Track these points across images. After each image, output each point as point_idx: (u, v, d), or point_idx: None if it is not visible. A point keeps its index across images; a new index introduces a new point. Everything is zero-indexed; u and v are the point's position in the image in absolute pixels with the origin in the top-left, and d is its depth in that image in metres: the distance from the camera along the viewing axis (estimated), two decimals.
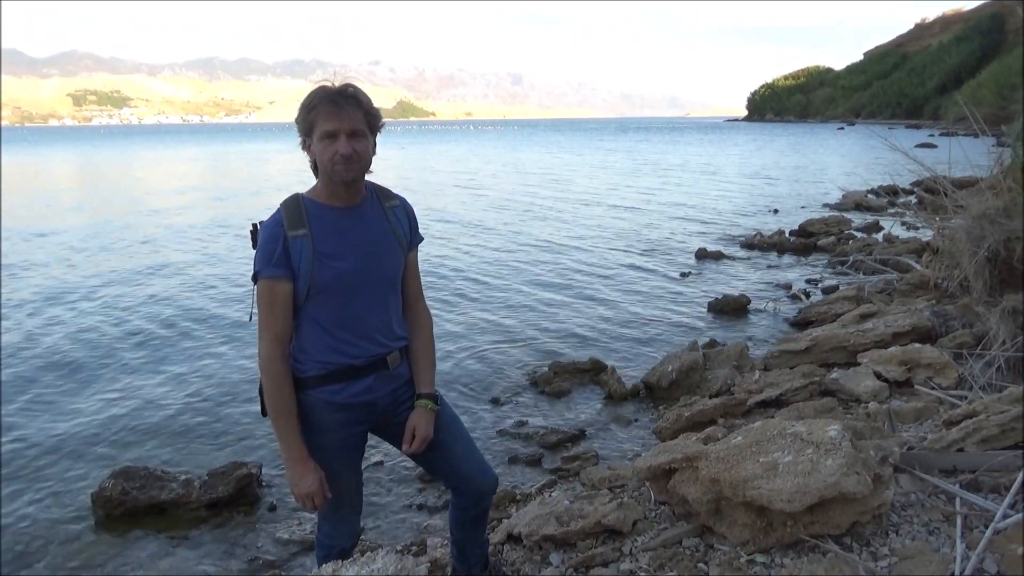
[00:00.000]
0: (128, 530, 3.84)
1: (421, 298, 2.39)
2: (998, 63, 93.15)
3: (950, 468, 3.07)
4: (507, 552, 3.11)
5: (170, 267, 10.77)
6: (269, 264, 2.02)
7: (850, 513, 2.56)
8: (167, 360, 6.55)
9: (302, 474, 2.11)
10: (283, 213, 2.07)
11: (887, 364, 4.83)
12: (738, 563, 2.60)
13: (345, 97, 2.01)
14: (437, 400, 2.32)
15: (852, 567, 2.41)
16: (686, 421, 4.55)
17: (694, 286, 9.20)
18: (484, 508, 2.53)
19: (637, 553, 2.85)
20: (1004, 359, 4.32)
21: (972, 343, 4.87)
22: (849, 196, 16.53)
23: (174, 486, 4.03)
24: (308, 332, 2.13)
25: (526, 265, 10.67)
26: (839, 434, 2.68)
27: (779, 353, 5.71)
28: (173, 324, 7.71)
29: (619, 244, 12.38)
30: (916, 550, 2.52)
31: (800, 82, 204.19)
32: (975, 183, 6.98)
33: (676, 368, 5.45)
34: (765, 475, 2.59)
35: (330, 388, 2.15)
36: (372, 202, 2.20)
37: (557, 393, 5.61)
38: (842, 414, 4.26)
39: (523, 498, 3.91)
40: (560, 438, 4.76)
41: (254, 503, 4.07)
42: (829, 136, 69.66)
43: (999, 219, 5.27)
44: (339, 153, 1.99)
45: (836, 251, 10.85)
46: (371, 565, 2.16)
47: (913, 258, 8.37)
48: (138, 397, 5.68)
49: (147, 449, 4.80)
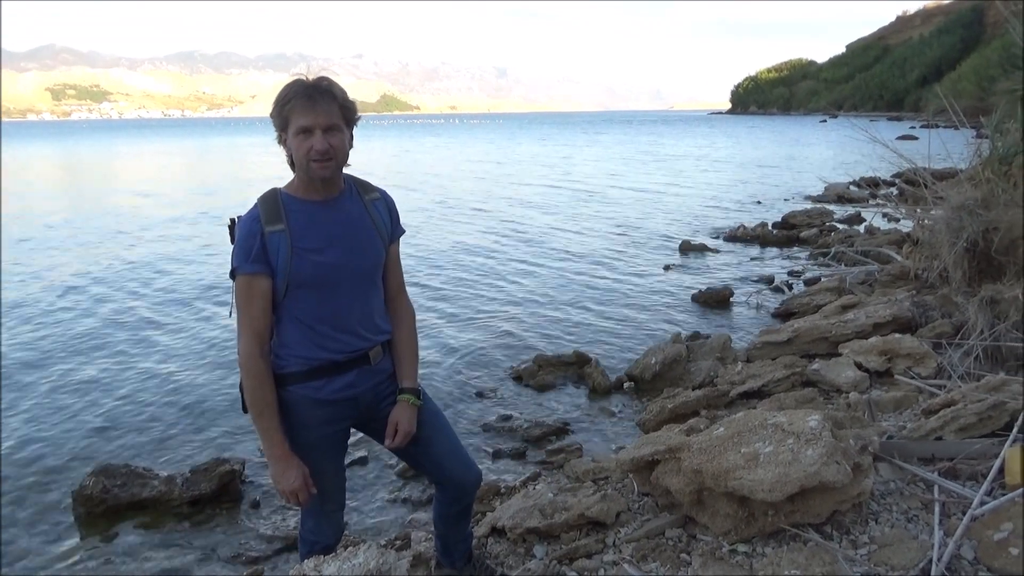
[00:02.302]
0: (110, 528, 3.80)
1: (403, 292, 2.38)
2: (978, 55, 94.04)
3: (929, 456, 3.11)
4: (491, 545, 3.11)
5: (150, 263, 10.67)
6: (247, 260, 2.01)
7: (830, 502, 2.58)
8: (147, 356, 6.49)
9: (285, 470, 2.10)
10: (260, 208, 2.05)
11: (868, 354, 4.87)
12: (720, 553, 2.62)
13: (320, 91, 1.99)
14: (420, 395, 2.31)
15: (832, 555, 2.43)
16: (669, 413, 4.57)
17: (677, 278, 9.23)
18: (468, 502, 2.53)
19: (620, 544, 2.86)
20: (982, 348, 4.37)
21: (951, 333, 4.93)
22: (831, 188, 16.65)
23: (156, 483, 4.00)
24: (288, 328, 2.11)
25: (509, 258, 10.66)
26: (819, 424, 2.70)
27: (761, 345, 5.75)
28: (153, 320, 7.65)
29: (602, 237, 12.40)
30: (895, 537, 2.55)
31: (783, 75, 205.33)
32: (954, 175, 7.05)
33: (659, 360, 5.47)
34: (747, 465, 2.61)
35: (312, 384, 2.14)
36: (351, 195, 2.18)
37: (541, 386, 5.62)
38: (823, 404, 4.30)
39: (507, 491, 3.92)
40: (544, 431, 4.76)
41: (237, 500, 4.05)
42: (812, 128, 70.02)
43: (978, 210, 5.33)
44: (314, 148, 1.97)
45: (818, 243, 10.92)
46: (353, 560, 2.16)
47: (894, 249, 8.44)
48: (118, 394, 5.62)
49: (128, 447, 4.75)
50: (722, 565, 2.54)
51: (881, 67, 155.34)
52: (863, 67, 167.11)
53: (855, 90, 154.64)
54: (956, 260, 5.40)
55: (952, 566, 2.35)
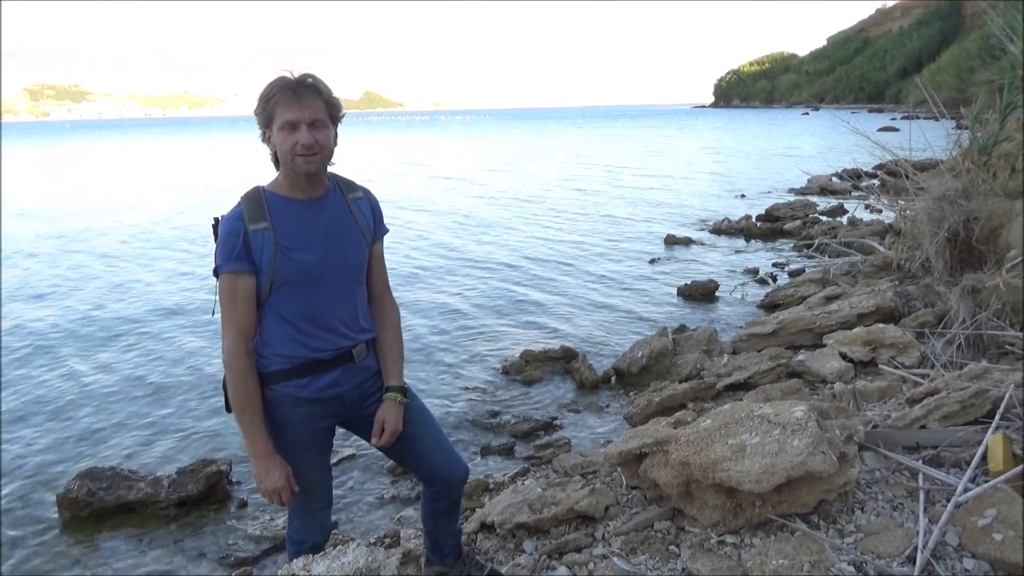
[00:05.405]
0: (96, 531, 3.77)
1: (388, 290, 2.37)
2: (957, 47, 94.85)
3: (913, 445, 3.14)
4: (481, 541, 3.11)
5: (132, 262, 10.57)
6: (230, 259, 1.99)
7: (816, 492, 2.60)
8: (131, 357, 6.42)
9: (267, 469, 2.08)
10: (244, 206, 2.03)
11: (852, 345, 4.91)
12: (709, 544, 2.64)
13: (305, 86, 1.98)
14: (406, 392, 2.30)
15: (819, 545, 2.45)
16: (656, 406, 4.58)
17: (663, 272, 9.26)
18: (456, 498, 2.52)
19: (610, 538, 2.88)
20: (964, 337, 4.42)
21: (934, 322, 4.98)
22: (814, 180, 16.75)
23: (142, 485, 3.97)
24: (272, 326, 2.10)
25: (494, 253, 10.64)
26: (805, 415, 2.72)
27: (747, 336, 5.77)
28: (137, 320, 7.57)
29: (587, 231, 12.41)
30: (881, 526, 2.57)
31: (765, 68, 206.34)
32: (935, 165, 7.11)
33: (646, 354, 5.48)
34: (734, 457, 2.62)
35: (296, 382, 2.13)
36: (335, 194, 2.17)
37: (528, 381, 5.62)
38: (808, 395, 4.33)
39: (496, 487, 3.92)
40: (532, 426, 4.76)
41: (224, 501, 4.02)
42: (794, 121, 70.42)
43: (958, 200, 5.38)
44: (300, 143, 1.96)
45: (802, 235, 11.00)
46: (342, 558, 2.15)
47: (876, 240, 8.51)
48: (102, 396, 5.57)
49: (113, 449, 4.71)
50: (711, 557, 2.55)
51: (862, 60, 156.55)
52: (844, 60, 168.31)
53: (836, 82, 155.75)
54: (938, 250, 5.45)
55: (937, 552, 2.38)
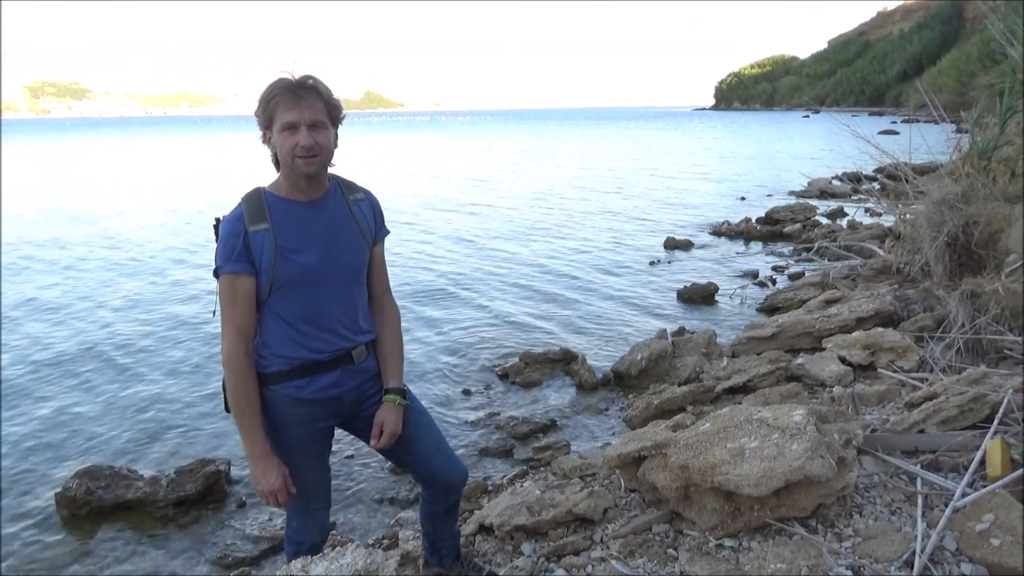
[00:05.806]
0: (94, 530, 3.77)
1: (388, 292, 2.37)
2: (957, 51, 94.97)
3: (911, 449, 3.14)
4: (479, 543, 3.12)
5: (131, 264, 10.56)
6: (230, 260, 1.99)
7: (815, 496, 2.60)
8: (130, 357, 6.42)
9: (265, 470, 2.09)
10: (244, 208, 2.03)
11: (851, 348, 4.91)
12: (707, 548, 2.64)
13: (305, 88, 1.98)
14: (405, 395, 2.30)
15: (817, 549, 2.45)
16: (655, 409, 4.58)
17: (662, 274, 9.26)
18: (454, 500, 2.53)
19: (608, 541, 2.88)
20: (963, 341, 4.42)
21: (933, 326, 4.98)
22: (814, 183, 16.76)
23: (140, 485, 3.97)
24: (271, 327, 2.10)
25: (494, 256, 10.64)
26: (804, 419, 2.72)
27: (746, 340, 5.77)
28: (136, 319, 7.57)
29: (587, 233, 12.41)
30: (879, 530, 2.58)
31: (766, 71, 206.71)
32: (935, 169, 7.13)
33: (645, 357, 5.48)
34: (732, 461, 2.62)
35: (295, 383, 2.13)
36: (336, 195, 2.17)
37: (528, 384, 5.62)
38: (807, 399, 4.33)
39: (494, 489, 3.92)
40: (531, 428, 4.77)
41: (223, 500, 4.02)
42: (795, 124, 70.47)
43: (958, 204, 5.38)
44: (300, 145, 1.96)
45: (801, 238, 11.00)
46: (340, 560, 2.15)
47: (876, 244, 8.51)
48: (102, 395, 5.57)
49: (112, 448, 4.71)
50: (709, 560, 2.55)
51: (862, 62, 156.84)
52: (844, 62, 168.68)
53: (837, 85, 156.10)
54: (937, 254, 5.45)
55: (935, 557, 2.38)
